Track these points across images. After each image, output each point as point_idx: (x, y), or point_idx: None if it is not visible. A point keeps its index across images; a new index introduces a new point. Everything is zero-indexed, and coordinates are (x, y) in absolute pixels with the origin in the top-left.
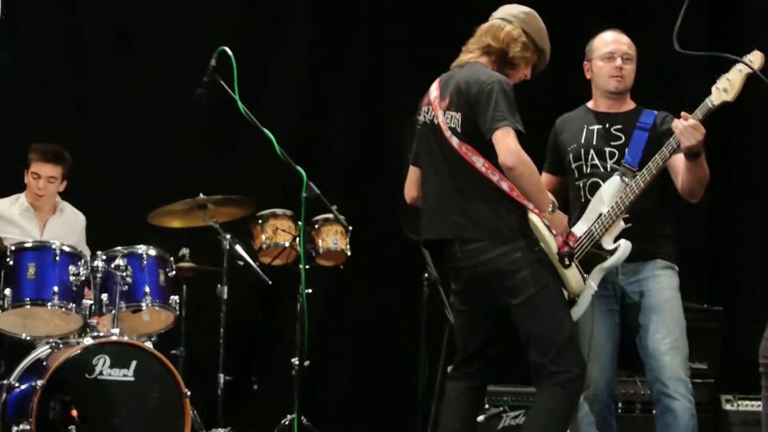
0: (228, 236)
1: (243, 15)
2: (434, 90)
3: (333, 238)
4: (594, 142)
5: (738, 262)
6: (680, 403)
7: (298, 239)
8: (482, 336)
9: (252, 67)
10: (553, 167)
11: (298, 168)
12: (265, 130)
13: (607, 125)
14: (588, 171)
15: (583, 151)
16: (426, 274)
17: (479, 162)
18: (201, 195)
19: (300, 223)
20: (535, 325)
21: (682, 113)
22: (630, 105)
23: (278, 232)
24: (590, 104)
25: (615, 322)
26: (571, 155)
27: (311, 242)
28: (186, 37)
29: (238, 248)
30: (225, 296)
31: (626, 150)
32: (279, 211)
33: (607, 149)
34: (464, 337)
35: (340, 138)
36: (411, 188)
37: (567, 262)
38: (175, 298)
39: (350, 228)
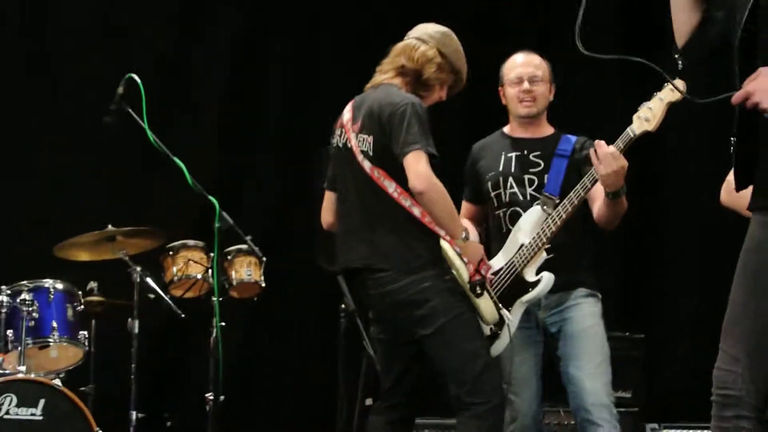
0: (138, 269)
1: (163, 32)
2: (347, 112)
3: (246, 270)
4: (512, 170)
5: (659, 287)
6: (605, 430)
7: (210, 271)
8: (401, 365)
9: (167, 89)
10: (473, 195)
11: (211, 198)
12: (176, 159)
13: (525, 152)
14: (507, 200)
15: (501, 179)
16: (343, 305)
17: (391, 187)
18: (110, 227)
19: (213, 254)
20: (448, 355)
21: (596, 141)
22: (548, 130)
23: (190, 263)
24: (506, 129)
25: (538, 353)
26: (489, 183)
27: (224, 274)
28: (98, 57)
29: (149, 281)
30: (136, 330)
31: (545, 177)
32: (191, 242)
33: (526, 177)
34: (384, 366)
35: (259, 165)
36: (327, 214)
37: (479, 291)
38: (84, 333)
39: (264, 259)
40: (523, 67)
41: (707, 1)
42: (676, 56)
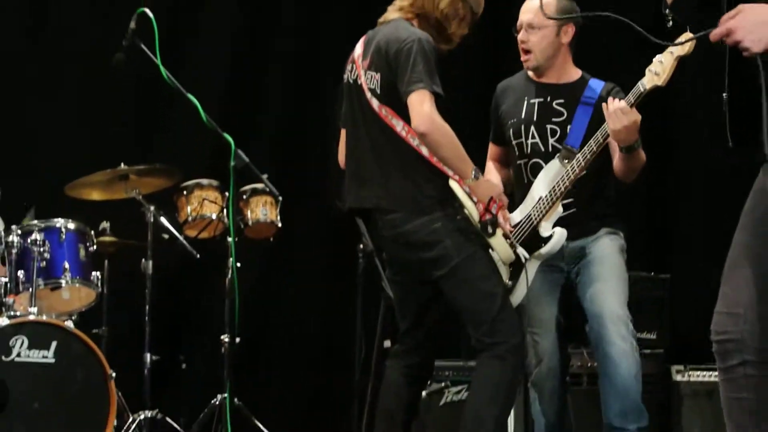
0: (152, 208)
1: None
2: (358, 48)
3: (262, 209)
4: (534, 118)
5: (684, 228)
6: (618, 348)
7: (225, 211)
8: (417, 306)
9: (177, 28)
10: (498, 137)
11: (226, 135)
12: (190, 96)
13: (549, 98)
14: (528, 150)
15: (523, 127)
16: (361, 245)
17: (399, 125)
18: (122, 165)
19: (228, 193)
20: (463, 296)
21: (610, 97)
22: (573, 74)
23: (204, 203)
24: (531, 72)
25: (561, 295)
26: (511, 131)
27: (239, 214)
28: None
29: (163, 220)
30: (150, 271)
31: (568, 128)
32: (205, 181)
33: (549, 126)
34: (401, 308)
35: (272, 103)
36: (343, 153)
37: (490, 231)
38: (96, 274)
39: (280, 198)
40: (522, 14)
41: None
42: (665, 12)
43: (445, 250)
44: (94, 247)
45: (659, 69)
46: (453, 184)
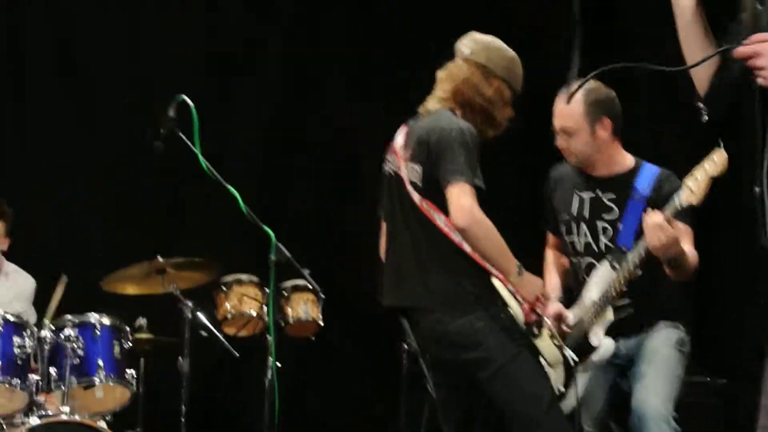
0: (190, 304)
1: (205, 48)
2: (399, 138)
3: (303, 307)
4: (586, 216)
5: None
6: None
7: (266, 308)
8: (462, 412)
9: (211, 116)
10: (554, 227)
11: (266, 228)
12: (230, 187)
13: (599, 193)
14: (582, 249)
15: (574, 225)
16: (405, 345)
17: (441, 220)
18: (159, 258)
19: (268, 290)
20: (509, 398)
21: (650, 209)
22: (623, 162)
23: (244, 299)
24: None
25: (611, 395)
26: (563, 227)
27: (280, 311)
28: (144, 76)
29: (201, 317)
30: (186, 370)
31: (620, 225)
32: (244, 276)
33: (599, 224)
34: (444, 414)
35: (312, 194)
36: (384, 246)
37: (536, 332)
38: (131, 372)
39: (322, 296)
40: (556, 120)
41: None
42: (700, 105)
43: (488, 351)
44: (130, 344)
45: (694, 187)
46: (496, 282)
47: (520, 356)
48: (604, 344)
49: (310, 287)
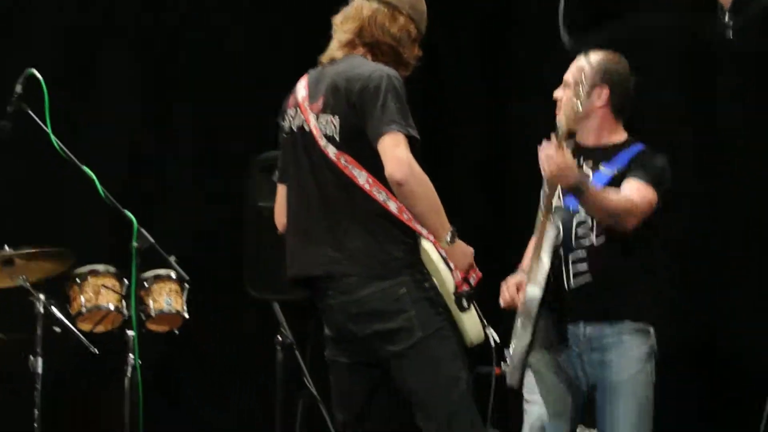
0: (42, 297)
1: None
2: (302, 89)
3: (167, 298)
4: None
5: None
6: None
7: (125, 301)
8: (365, 392)
9: (70, 89)
10: None
11: (127, 212)
12: (85, 168)
13: (581, 160)
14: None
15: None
16: (279, 337)
17: (362, 177)
18: (6, 248)
19: (128, 280)
20: (419, 380)
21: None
22: (612, 138)
23: (101, 292)
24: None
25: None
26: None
27: (141, 303)
28: None
29: (55, 311)
30: (39, 370)
31: None
32: (101, 267)
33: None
34: (341, 398)
35: (179, 174)
36: (281, 213)
37: (465, 305)
38: None
39: (187, 285)
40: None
41: None
42: (724, 17)
43: (408, 322)
44: None
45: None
46: (427, 245)
47: (442, 331)
48: (527, 292)
49: (174, 276)
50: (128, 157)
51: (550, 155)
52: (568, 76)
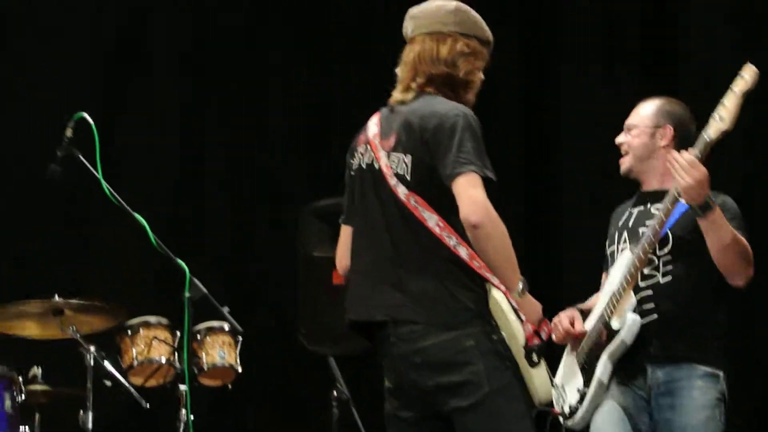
0: (92, 349)
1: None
2: (373, 126)
3: (219, 351)
4: (630, 224)
5: None
6: None
7: (178, 354)
8: None
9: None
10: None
11: (180, 261)
12: (137, 215)
13: (648, 205)
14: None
15: (617, 234)
16: (335, 392)
17: (432, 220)
18: (57, 297)
19: (181, 333)
20: None
21: (672, 153)
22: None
23: (153, 345)
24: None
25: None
26: (607, 243)
27: (194, 357)
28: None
29: (106, 365)
30: (90, 425)
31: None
32: (153, 318)
33: (641, 230)
34: None
35: (224, 224)
36: (344, 254)
37: (535, 359)
38: (25, 428)
39: (240, 338)
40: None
41: None
42: None
43: (475, 376)
44: (23, 396)
45: (723, 113)
46: (498, 295)
47: (510, 387)
48: (628, 319)
49: (227, 328)
50: (173, 204)
51: (693, 164)
52: (631, 119)
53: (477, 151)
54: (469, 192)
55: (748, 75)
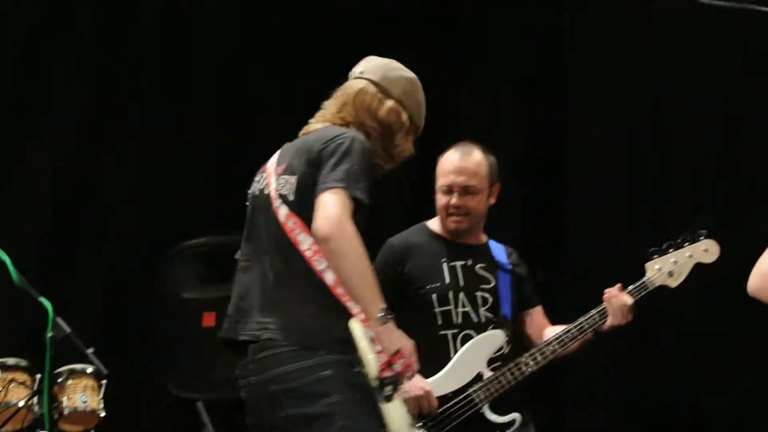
0: None
1: None
2: (274, 156)
3: (81, 395)
4: (462, 284)
5: None
6: None
7: (38, 398)
8: None
9: None
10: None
11: (42, 299)
12: None
13: (470, 262)
14: (459, 320)
15: (451, 294)
16: None
17: (306, 243)
18: None
19: (41, 375)
20: None
21: (617, 286)
22: (482, 236)
23: (9, 388)
24: (436, 227)
25: None
26: (433, 297)
27: (54, 401)
28: None
29: None
30: None
31: (499, 295)
32: (10, 360)
33: (479, 294)
34: None
35: (98, 262)
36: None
37: (387, 393)
38: None
39: (104, 381)
40: (455, 175)
41: None
42: None
43: (329, 408)
44: None
45: (674, 270)
46: (354, 323)
47: (368, 425)
48: (518, 420)
49: (90, 371)
50: (39, 240)
51: (631, 309)
52: (468, 180)
53: (354, 172)
54: (327, 206)
55: (712, 252)
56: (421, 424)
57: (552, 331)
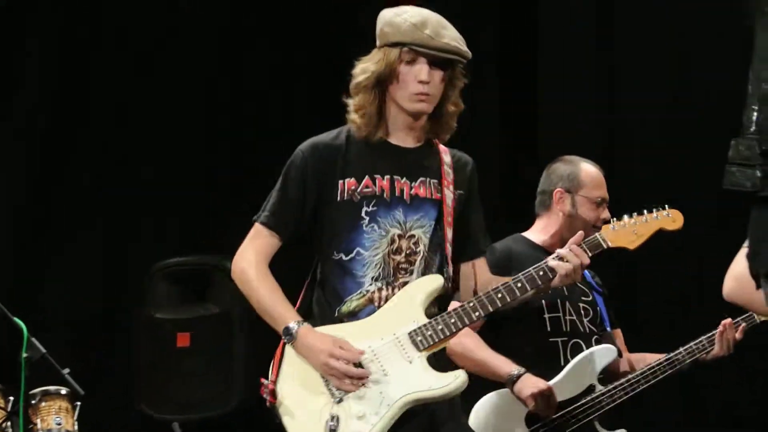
0: None
1: None
2: None
3: (55, 418)
4: (567, 294)
5: None
6: None
7: (11, 421)
8: None
9: None
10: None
11: (17, 320)
12: None
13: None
14: (567, 328)
15: (560, 302)
16: None
17: None
18: None
19: (14, 397)
20: None
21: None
22: None
23: None
24: (536, 238)
25: None
26: (543, 302)
27: (27, 423)
28: None
29: None
30: None
31: (598, 310)
32: None
33: (581, 305)
34: None
35: (69, 283)
36: None
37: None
38: None
39: (78, 403)
40: (604, 190)
41: None
42: None
43: None
44: None
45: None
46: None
47: None
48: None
49: (64, 392)
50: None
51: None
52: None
53: (272, 196)
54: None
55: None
56: (536, 426)
57: (641, 357)
